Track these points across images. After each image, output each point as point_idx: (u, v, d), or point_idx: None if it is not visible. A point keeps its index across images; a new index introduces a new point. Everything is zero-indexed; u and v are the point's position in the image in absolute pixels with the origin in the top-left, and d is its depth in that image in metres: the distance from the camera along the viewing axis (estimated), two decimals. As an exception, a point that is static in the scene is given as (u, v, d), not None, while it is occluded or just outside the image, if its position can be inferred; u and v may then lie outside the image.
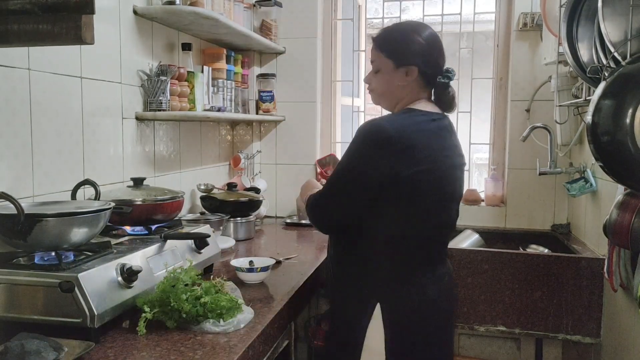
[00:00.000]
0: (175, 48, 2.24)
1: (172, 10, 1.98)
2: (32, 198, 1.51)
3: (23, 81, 1.48)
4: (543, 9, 2.35)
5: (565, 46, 1.86)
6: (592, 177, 2.28)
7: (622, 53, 1.47)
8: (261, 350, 1.33)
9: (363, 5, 3.31)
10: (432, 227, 1.49)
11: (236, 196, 2.42)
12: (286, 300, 1.55)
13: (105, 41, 1.81)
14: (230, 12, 2.36)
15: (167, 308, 1.30)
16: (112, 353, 1.17)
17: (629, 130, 1.38)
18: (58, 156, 1.62)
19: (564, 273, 2.19)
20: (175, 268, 1.41)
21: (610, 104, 1.42)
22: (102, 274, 1.26)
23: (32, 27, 1.03)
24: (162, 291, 1.32)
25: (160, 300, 1.31)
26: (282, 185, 3.02)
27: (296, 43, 2.92)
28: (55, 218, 1.24)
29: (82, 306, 1.17)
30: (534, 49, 2.69)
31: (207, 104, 2.29)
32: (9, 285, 1.22)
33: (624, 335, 1.93)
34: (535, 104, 2.70)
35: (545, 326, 2.22)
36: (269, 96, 2.84)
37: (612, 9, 1.49)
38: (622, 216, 1.57)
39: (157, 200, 1.66)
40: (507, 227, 2.83)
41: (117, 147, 1.90)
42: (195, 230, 1.73)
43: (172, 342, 1.23)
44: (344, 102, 3.25)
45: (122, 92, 1.91)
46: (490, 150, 2.98)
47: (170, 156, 2.28)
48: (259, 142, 3.01)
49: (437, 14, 2.98)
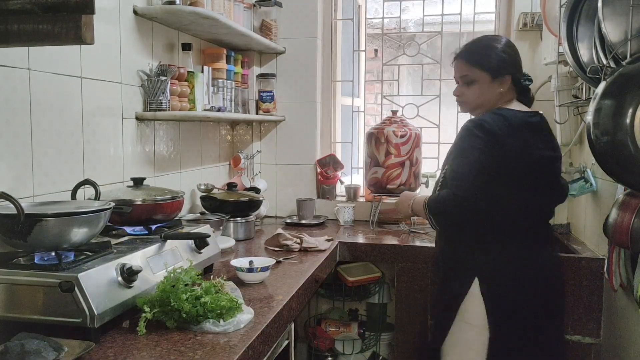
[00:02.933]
0: (175, 48, 2.24)
1: (172, 10, 1.98)
2: (32, 198, 1.51)
3: (23, 81, 1.48)
4: (543, 9, 2.35)
5: (565, 46, 1.86)
6: (592, 177, 2.28)
7: (622, 53, 1.47)
8: (261, 350, 1.33)
9: (363, 5, 3.31)
10: (529, 211, 1.68)
11: (236, 196, 2.41)
12: (286, 300, 1.55)
13: (105, 41, 1.81)
14: (230, 12, 2.36)
15: (167, 308, 1.30)
16: (112, 353, 1.17)
17: (629, 130, 1.38)
18: (58, 156, 1.62)
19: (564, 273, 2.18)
20: (176, 268, 1.41)
21: (610, 104, 1.42)
22: (102, 274, 1.26)
23: (32, 27, 1.03)
24: (162, 291, 1.32)
25: (160, 300, 1.31)
26: (282, 185, 3.02)
27: (296, 43, 2.92)
28: (55, 218, 1.24)
29: (82, 306, 1.17)
30: (534, 49, 2.69)
31: (207, 104, 2.29)
32: (9, 285, 1.22)
33: (624, 335, 1.93)
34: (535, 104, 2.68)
35: (545, 326, 2.21)
36: (269, 96, 2.84)
37: (612, 9, 1.49)
38: (622, 216, 1.57)
39: (157, 200, 1.66)
40: (507, 227, 2.82)
41: (117, 147, 1.90)
42: (195, 230, 1.73)
43: (172, 342, 1.23)
44: (344, 102, 3.25)
45: (122, 92, 1.91)
46: (490, 150, 2.97)
47: (170, 156, 2.28)
48: (259, 142, 3.01)
49: (437, 14, 2.98)
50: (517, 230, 1.68)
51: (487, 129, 1.61)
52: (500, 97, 1.73)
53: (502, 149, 1.60)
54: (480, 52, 1.75)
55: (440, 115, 2.98)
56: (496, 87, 1.72)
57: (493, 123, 1.62)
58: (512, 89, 1.75)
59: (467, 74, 1.74)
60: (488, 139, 1.60)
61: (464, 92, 1.77)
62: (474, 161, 1.61)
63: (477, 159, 1.61)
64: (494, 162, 1.60)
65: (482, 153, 1.60)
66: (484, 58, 1.73)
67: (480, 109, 1.76)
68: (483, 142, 1.60)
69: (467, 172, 1.63)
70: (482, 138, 1.61)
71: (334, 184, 2.98)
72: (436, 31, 2.99)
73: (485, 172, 1.60)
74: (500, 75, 1.71)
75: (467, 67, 1.75)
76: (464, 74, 1.75)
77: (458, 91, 1.79)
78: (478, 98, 1.74)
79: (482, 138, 1.61)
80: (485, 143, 1.60)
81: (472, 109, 1.80)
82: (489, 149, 1.60)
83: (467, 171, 1.63)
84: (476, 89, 1.74)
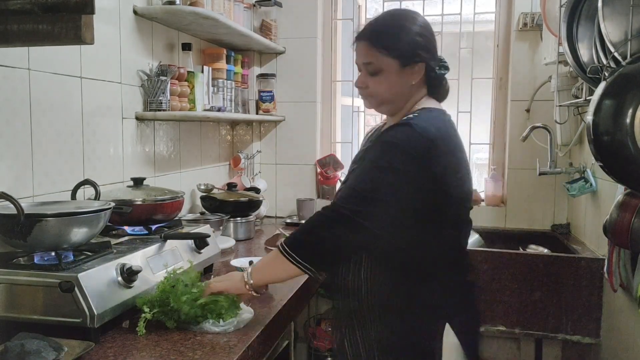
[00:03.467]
0: (175, 48, 2.24)
1: (172, 10, 1.98)
2: (32, 198, 1.51)
3: (23, 81, 1.48)
4: (543, 9, 2.35)
5: (565, 46, 1.86)
6: (592, 177, 2.28)
7: (622, 53, 1.47)
8: (261, 350, 1.33)
9: (363, 5, 3.31)
10: (465, 229, 1.42)
11: (236, 196, 2.41)
12: (286, 300, 1.55)
13: (105, 41, 1.81)
14: (230, 12, 2.36)
15: (167, 308, 1.30)
16: (112, 353, 1.17)
17: (629, 130, 1.38)
18: (58, 156, 1.62)
19: (564, 273, 2.19)
20: (176, 268, 1.41)
21: (610, 104, 1.42)
22: (102, 274, 1.25)
23: (32, 27, 1.03)
24: (162, 291, 1.32)
25: (160, 301, 1.31)
26: (282, 185, 3.02)
27: (296, 43, 2.92)
28: (55, 218, 1.24)
29: (82, 306, 1.17)
30: (534, 49, 2.69)
31: (207, 104, 2.29)
32: (9, 285, 1.22)
33: (624, 335, 1.93)
34: (535, 104, 2.70)
35: (545, 326, 2.22)
36: (269, 96, 2.84)
37: (612, 8, 1.49)
38: (622, 216, 1.57)
39: (157, 200, 1.66)
40: (507, 227, 2.83)
41: (117, 147, 1.90)
42: (195, 230, 1.73)
43: (172, 342, 1.23)
44: (344, 102, 3.25)
45: (122, 92, 1.91)
46: (490, 150, 2.98)
47: (170, 156, 2.28)
48: (259, 142, 3.01)
49: (437, 14, 2.98)
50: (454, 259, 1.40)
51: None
52: (412, 90, 1.39)
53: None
54: (388, 33, 1.37)
55: (440, 115, 2.98)
56: (407, 77, 1.36)
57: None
58: (424, 81, 1.40)
59: (371, 61, 1.36)
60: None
61: (368, 83, 1.39)
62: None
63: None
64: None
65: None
66: (393, 41, 1.35)
67: (388, 105, 1.41)
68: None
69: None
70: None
71: (334, 184, 2.98)
72: (436, 31, 2.98)
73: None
74: (412, 63, 1.35)
75: (371, 51, 1.36)
76: (368, 60, 1.37)
77: (360, 82, 1.41)
78: (386, 91, 1.38)
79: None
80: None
81: (378, 104, 1.42)
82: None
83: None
84: (382, 79, 1.36)
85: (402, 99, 1.39)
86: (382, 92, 1.38)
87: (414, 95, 1.40)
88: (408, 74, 1.36)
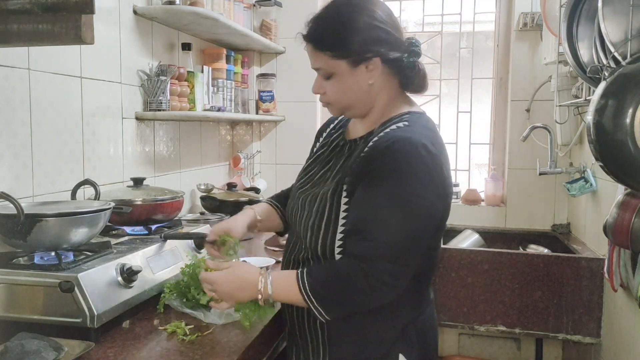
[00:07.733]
0: (175, 48, 2.24)
1: (172, 10, 1.98)
2: (32, 198, 1.51)
3: (23, 81, 1.48)
4: (543, 9, 2.35)
5: (565, 46, 1.86)
6: (592, 177, 2.28)
7: (622, 53, 1.47)
8: (261, 350, 1.33)
9: (363, 5, 3.31)
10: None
11: (236, 196, 2.41)
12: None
13: (105, 41, 1.81)
14: (230, 12, 2.36)
15: (186, 291, 1.36)
16: (112, 353, 1.17)
17: (629, 130, 1.38)
18: (58, 156, 1.61)
19: (564, 273, 2.19)
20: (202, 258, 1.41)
21: (610, 104, 1.42)
22: (102, 274, 1.25)
23: (32, 27, 1.03)
24: (190, 276, 1.36)
25: (183, 284, 1.37)
26: (282, 185, 2.98)
27: (296, 43, 2.91)
28: (55, 218, 1.24)
29: (82, 306, 1.17)
30: (534, 49, 2.69)
31: (207, 104, 2.29)
32: (9, 285, 1.22)
33: (624, 335, 1.93)
34: (535, 104, 2.70)
35: (545, 326, 2.22)
36: (269, 96, 2.84)
37: (612, 8, 1.49)
38: (622, 216, 1.57)
39: (157, 200, 1.67)
40: (507, 227, 2.83)
41: (117, 147, 1.90)
42: (195, 230, 1.73)
43: (172, 342, 1.23)
44: (344, 102, 3.25)
45: (122, 92, 1.91)
46: (490, 150, 2.98)
47: (170, 156, 2.28)
48: (259, 142, 3.01)
49: (437, 14, 2.98)
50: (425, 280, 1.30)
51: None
52: (375, 88, 1.22)
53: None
54: (332, 31, 1.20)
55: (440, 115, 2.98)
56: (362, 77, 1.20)
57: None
58: (390, 74, 1.23)
59: (319, 67, 1.23)
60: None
61: (324, 89, 1.24)
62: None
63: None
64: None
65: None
66: (337, 40, 1.19)
67: (352, 110, 1.26)
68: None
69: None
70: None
71: (334, 184, 2.97)
72: (436, 31, 2.99)
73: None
74: (365, 60, 1.18)
75: (317, 55, 1.23)
76: (317, 66, 1.24)
77: (316, 87, 1.26)
78: (343, 96, 1.23)
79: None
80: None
81: (341, 111, 1.27)
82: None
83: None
84: (335, 83, 1.22)
85: (365, 101, 1.23)
86: (340, 97, 1.23)
87: (382, 94, 1.23)
88: (362, 73, 1.20)
